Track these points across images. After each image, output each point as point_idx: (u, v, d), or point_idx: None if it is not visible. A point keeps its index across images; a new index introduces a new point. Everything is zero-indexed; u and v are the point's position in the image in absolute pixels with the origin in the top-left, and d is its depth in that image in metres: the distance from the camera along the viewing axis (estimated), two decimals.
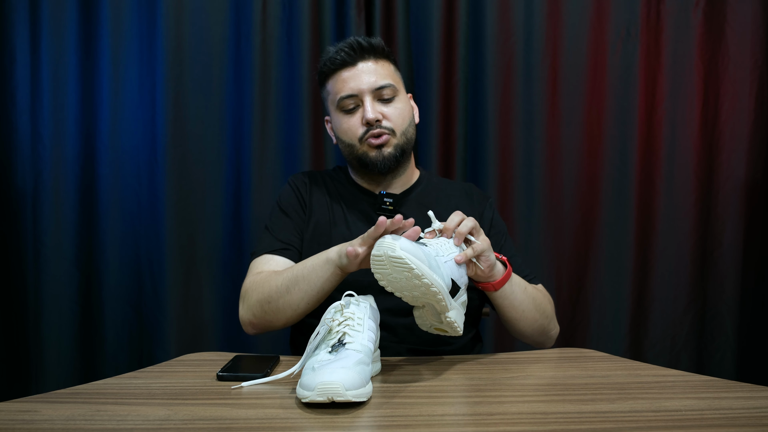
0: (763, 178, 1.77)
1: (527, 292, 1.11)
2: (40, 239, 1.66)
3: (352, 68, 1.18)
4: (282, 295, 1.06)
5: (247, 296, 1.12)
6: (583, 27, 1.74)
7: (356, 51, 1.19)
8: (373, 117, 1.16)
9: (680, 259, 1.77)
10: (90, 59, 1.68)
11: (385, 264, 0.85)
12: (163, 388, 0.87)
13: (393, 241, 0.84)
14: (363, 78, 1.18)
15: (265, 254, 1.18)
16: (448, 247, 0.93)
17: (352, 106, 1.19)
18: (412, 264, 0.83)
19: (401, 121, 1.20)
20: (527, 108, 1.73)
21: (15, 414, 0.75)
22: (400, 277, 0.85)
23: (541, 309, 1.13)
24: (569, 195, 1.76)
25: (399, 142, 1.20)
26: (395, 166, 1.21)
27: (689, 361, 1.78)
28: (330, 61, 1.20)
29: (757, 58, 1.75)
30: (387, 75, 1.20)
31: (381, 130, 1.18)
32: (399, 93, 1.22)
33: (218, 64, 1.69)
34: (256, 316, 1.11)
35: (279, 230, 1.21)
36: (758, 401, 0.79)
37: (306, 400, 0.75)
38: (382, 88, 1.18)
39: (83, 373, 1.69)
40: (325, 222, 1.22)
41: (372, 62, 1.20)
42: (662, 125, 1.76)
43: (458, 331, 0.92)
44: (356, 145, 1.20)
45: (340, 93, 1.19)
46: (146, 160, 1.69)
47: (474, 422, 0.73)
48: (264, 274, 1.13)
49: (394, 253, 0.83)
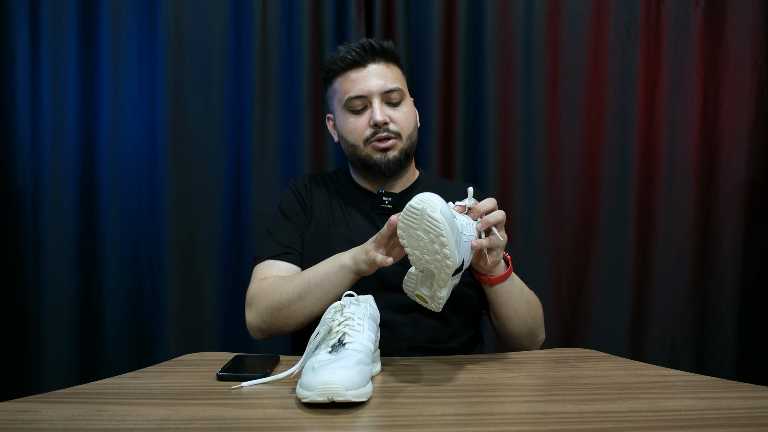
0: (763, 178, 1.77)
1: (523, 293, 1.11)
2: (40, 239, 1.67)
3: (362, 69, 1.19)
4: (294, 302, 1.07)
5: (254, 303, 1.13)
6: (583, 27, 1.74)
7: (368, 52, 1.19)
8: (381, 119, 1.17)
9: (680, 259, 1.77)
10: (90, 59, 1.68)
11: (418, 219, 0.84)
12: (163, 388, 0.87)
13: (435, 200, 0.83)
14: (373, 80, 1.18)
15: (268, 259, 1.18)
16: (470, 227, 0.92)
17: (360, 107, 1.19)
18: (444, 231, 0.82)
19: (407, 125, 1.21)
20: (527, 108, 1.73)
21: (15, 414, 0.75)
22: (425, 237, 0.84)
23: (533, 312, 1.14)
24: (569, 195, 1.76)
25: (404, 146, 1.21)
26: (398, 169, 1.22)
27: (689, 361, 1.78)
28: (341, 59, 1.20)
29: (757, 58, 1.75)
30: (396, 79, 1.21)
31: (388, 134, 1.18)
32: (405, 97, 1.23)
33: (218, 64, 1.69)
34: (265, 322, 1.12)
35: (281, 234, 1.22)
36: (758, 401, 0.79)
37: (306, 400, 0.75)
38: (391, 92, 1.19)
39: (83, 373, 1.69)
40: (326, 222, 1.22)
41: (383, 65, 1.20)
42: (662, 125, 1.76)
43: (439, 308, 0.92)
44: (360, 146, 1.20)
45: (348, 93, 1.19)
46: (146, 160, 1.69)
47: (474, 422, 0.72)
48: (270, 281, 1.13)
49: (434, 213, 0.82)
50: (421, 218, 0.83)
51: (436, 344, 1.14)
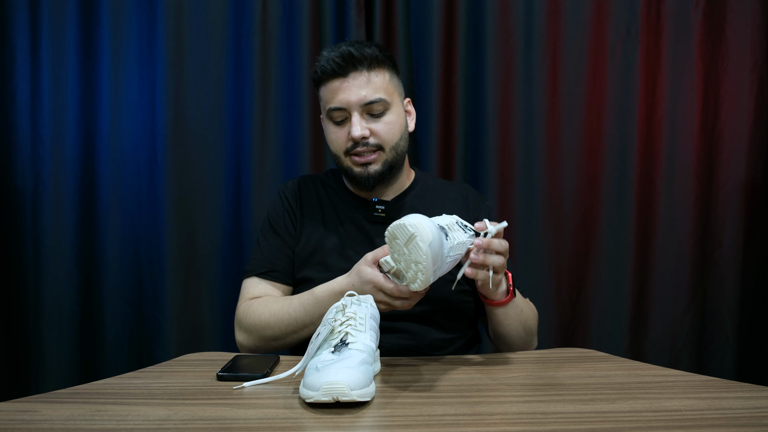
0: (763, 178, 1.76)
1: (521, 316, 1.11)
2: (40, 239, 1.66)
3: (344, 80, 1.13)
4: (295, 331, 1.09)
5: (245, 327, 1.14)
6: (583, 27, 1.74)
7: (347, 62, 1.13)
8: (359, 135, 1.12)
9: (680, 259, 1.77)
10: (90, 59, 1.68)
11: (407, 237, 0.83)
12: (163, 388, 0.87)
13: (427, 231, 0.82)
14: (353, 91, 1.13)
15: (254, 276, 1.20)
16: (462, 246, 0.90)
17: (340, 118, 1.15)
18: (425, 263, 0.82)
19: (390, 137, 1.16)
20: (527, 108, 1.73)
21: (15, 414, 0.75)
22: (406, 253, 0.84)
23: (528, 329, 1.14)
24: (569, 195, 1.76)
25: (388, 157, 1.16)
26: (380, 182, 1.18)
27: (689, 361, 1.78)
28: (321, 69, 1.16)
29: (757, 58, 1.75)
30: (380, 87, 1.14)
31: (366, 148, 1.14)
32: (391, 106, 1.16)
33: (218, 64, 1.68)
34: (258, 347, 1.14)
35: (268, 249, 1.22)
36: (758, 401, 0.79)
37: (310, 400, 0.75)
38: (371, 103, 1.13)
39: (83, 373, 1.69)
40: (317, 231, 1.21)
41: (365, 73, 1.14)
42: (662, 125, 1.76)
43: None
44: (342, 157, 1.18)
45: (329, 103, 1.16)
46: (146, 160, 1.69)
47: (474, 422, 0.73)
48: (260, 307, 1.13)
49: (422, 244, 0.82)
50: (410, 239, 0.83)
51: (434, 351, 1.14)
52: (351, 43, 1.16)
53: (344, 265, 1.12)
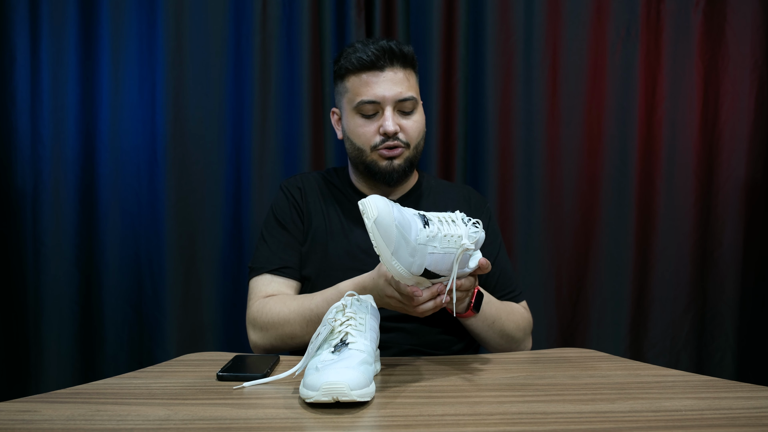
0: (763, 178, 1.77)
1: (494, 327, 1.10)
2: (40, 239, 1.66)
3: (379, 73, 1.14)
4: (309, 333, 1.05)
5: (261, 327, 1.11)
6: (583, 27, 1.74)
7: (386, 55, 1.13)
8: (393, 130, 1.13)
9: (680, 259, 1.77)
10: (90, 59, 1.68)
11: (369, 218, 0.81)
12: (163, 388, 0.87)
13: (375, 207, 0.79)
14: (388, 86, 1.13)
15: (265, 274, 1.16)
16: (450, 240, 0.86)
17: (371, 112, 1.15)
18: (375, 241, 0.80)
19: (416, 135, 1.18)
20: (527, 108, 1.73)
21: (15, 414, 0.75)
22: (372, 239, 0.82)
23: (506, 335, 1.12)
24: (569, 195, 1.76)
25: (410, 155, 1.18)
26: (402, 178, 1.19)
27: (689, 361, 1.78)
28: (357, 59, 1.14)
29: (757, 58, 1.75)
30: (411, 87, 1.17)
31: (396, 143, 1.15)
32: (418, 106, 1.19)
33: (218, 64, 1.68)
34: (274, 346, 1.12)
35: (276, 245, 1.19)
36: (758, 401, 0.79)
37: (310, 400, 0.75)
38: (405, 101, 1.15)
39: (83, 373, 1.69)
40: (323, 232, 1.20)
41: (400, 71, 1.15)
42: (662, 125, 1.76)
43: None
44: (367, 152, 1.17)
45: (361, 96, 1.14)
46: (146, 160, 1.69)
47: (474, 422, 0.73)
48: (277, 304, 1.10)
49: (368, 222, 0.80)
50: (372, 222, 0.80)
51: (435, 350, 1.14)
52: (387, 39, 1.17)
53: (349, 264, 1.12)
